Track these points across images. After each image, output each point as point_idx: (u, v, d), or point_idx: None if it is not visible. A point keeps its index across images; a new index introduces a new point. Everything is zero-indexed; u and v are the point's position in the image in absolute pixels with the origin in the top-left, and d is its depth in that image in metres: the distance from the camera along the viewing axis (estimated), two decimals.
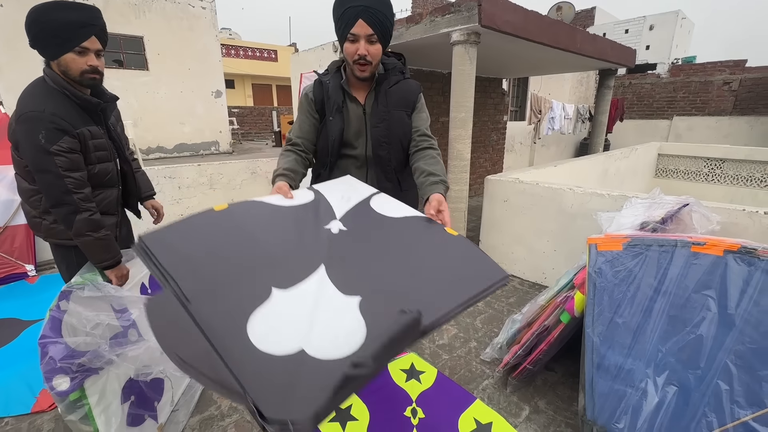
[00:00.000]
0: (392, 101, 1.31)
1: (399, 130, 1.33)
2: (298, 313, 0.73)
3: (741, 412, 1.17)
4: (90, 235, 1.36)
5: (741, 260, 1.22)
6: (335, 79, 1.30)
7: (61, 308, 1.35)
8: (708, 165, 5.91)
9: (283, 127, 9.54)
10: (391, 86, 1.30)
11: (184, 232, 0.87)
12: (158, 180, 3.81)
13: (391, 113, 1.31)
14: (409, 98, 1.34)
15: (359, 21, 1.15)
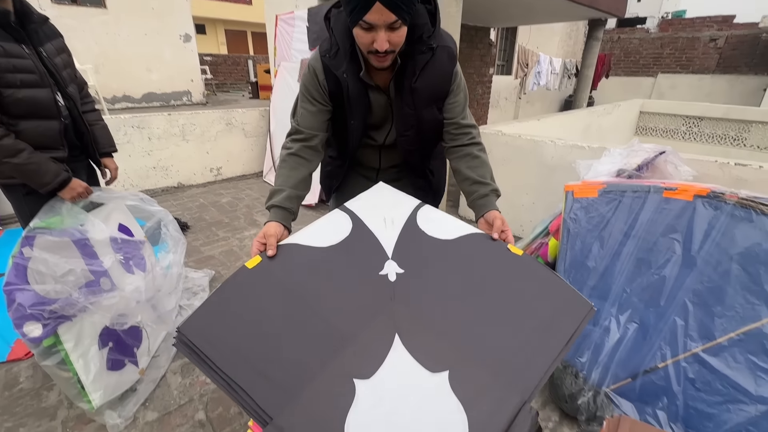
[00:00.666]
0: (420, 100, 1.04)
1: (431, 131, 1.13)
2: (391, 409, 0.66)
3: (692, 344, 1.27)
4: (7, 161, 1.26)
5: (709, 204, 1.26)
6: (351, 68, 1.00)
7: (24, 255, 1.30)
8: (686, 123, 5.99)
9: (260, 76, 9.01)
10: (416, 77, 1.01)
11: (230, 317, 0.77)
12: (126, 130, 3.59)
13: (420, 116, 1.07)
14: (442, 88, 1.06)
15: (376, 5, 0.82)
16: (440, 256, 0.91)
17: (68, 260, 1.36)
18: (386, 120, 1.13)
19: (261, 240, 0.93)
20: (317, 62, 1.03)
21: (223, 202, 3.70)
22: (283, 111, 4.09)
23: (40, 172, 1.32)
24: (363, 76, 1.00)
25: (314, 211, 3.49)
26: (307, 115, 1.07)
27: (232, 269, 2.45)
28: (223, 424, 1.40)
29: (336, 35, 0.99)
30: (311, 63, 1.05)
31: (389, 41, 0.88)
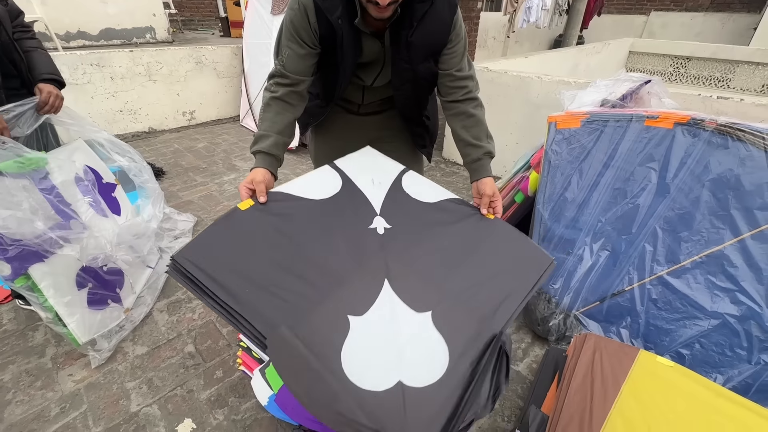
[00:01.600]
0: (416, 54, 0.99)
1: (426, 84, 1.09)
2: (381, 342, 0.74)
3: (658, 268, 1.34)
4: None
5: (688, 132, 1.26)
6: (345, 14, 0.92)
7: None
8: (674, 64, 5.90)
9: (230, 11, 8.25)
10: (413, 30, 0.94)
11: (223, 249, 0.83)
12: (84, 69, 3.30)
13: (416, 70, 1.02)
14: (440, 40, 0.99)
15: None
16: (423, 216, 1.01)
17: (30, 199, 1.29)
18: (377, 63, 1.07)
19: (249, 185, 0.94)
20: (309, 1, 0.93)
21: (199, 147, 3.55)
22: (258, 47, 3.80)
23: None
24: (358, 23, 0.93)
25: (294, 155, 3.39)
26: (294, 58, 0.99)
27: (213, 213, 2.41)
28: (212, 355, 1.46)
29: None
30: (301, 0, 0.94)
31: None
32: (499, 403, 1.31)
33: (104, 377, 1.37)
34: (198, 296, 0.77)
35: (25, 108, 1.37)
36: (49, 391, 1.31)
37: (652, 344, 1.37)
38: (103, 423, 1.22)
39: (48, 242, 1.32)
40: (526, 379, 1.39)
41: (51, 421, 1.22)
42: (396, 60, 1.01)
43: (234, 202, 2.58)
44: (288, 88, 1.01)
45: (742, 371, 1.22)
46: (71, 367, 1.40)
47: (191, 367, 1.41)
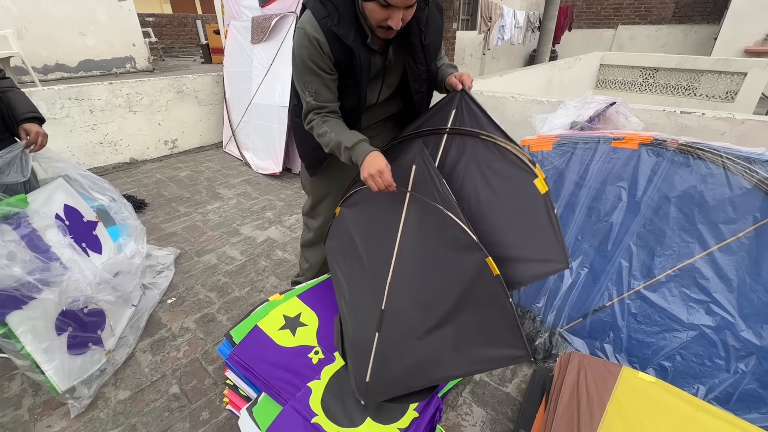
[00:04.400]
0: (430, 54, 1.11)
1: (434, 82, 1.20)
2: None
3: (635, 283, 1.38)
4: None
5: (652, 152, 1.32)
6: (358, 36, 1.00)
7: None
8: (643, 75, 6.15)
9: (210, 38, 8.35)
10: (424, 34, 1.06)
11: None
12: (62, 103, 3.28)
13: (430, 70, 1.14)
14: (439, 39, 1.15)
15: None
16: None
17: (8, 245, 1.27)
18: (377, 79, 1.15)
19: (382, 184, 0.99)
20: (318, 33, 0.98)
21: (182, 176, 3.53)
22: (238, 75, 3.85)
23: None
24: (370, 43, 1.02)
25: (279, 180, 3.40)
26: (322, 89, 1.07)
27: (197, 245, 2.39)
28: (198, 395, 1.42)
29: (333, 1, 0.97)
30: (309, 33, 0.99)
31: (403, 19, 0.92)
32: (490, 428, 1.30)
33: (85, 426, 1.32)
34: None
35: (16, 152, 1.38)
36: None
37: (635, 358, 1.39)
38: None
39: (26, 287, 1.29)
40: (515, 401, 1.40)
41: None
42: (413, 66, 1.10)
43: (218, 231, 2.56)
44: (329, 115, 1.11)
45: (722, 381, 1.25)
46: (50, 417, 1.35)
47: (176, 410, 1.37)
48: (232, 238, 2.49)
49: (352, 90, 1.10)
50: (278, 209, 2.87)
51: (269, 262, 2.22)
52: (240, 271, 2.15)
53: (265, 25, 3.33)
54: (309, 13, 1.00)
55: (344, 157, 1.08)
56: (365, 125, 1.28)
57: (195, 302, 1.91)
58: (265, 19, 3.34)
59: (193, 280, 2.08)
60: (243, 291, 1.99)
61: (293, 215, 2.76)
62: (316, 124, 1.11)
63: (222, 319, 1.80)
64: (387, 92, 1.21)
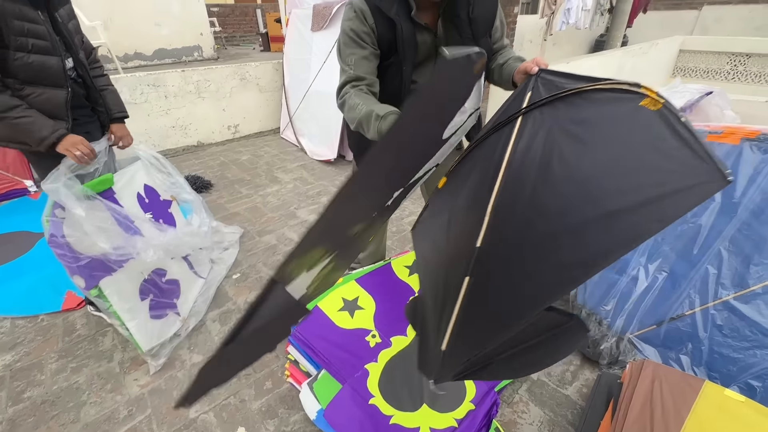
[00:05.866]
0: (478, 30, 1.04)
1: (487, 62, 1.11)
2: None
3: (724, 292, 1.25)
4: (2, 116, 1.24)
5: (757, 148, 1.18)
6: (401, 9, 0.99)
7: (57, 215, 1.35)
8: (731, 62, 5.48)
9: (270, 27, 8.63)
10: (472, 7, 1.01)
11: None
12: (142, 89, 3.57)
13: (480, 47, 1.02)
14: (492, 14, 1.08)
15: None
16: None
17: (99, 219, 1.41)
18: (429, 60, 1.11)
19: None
20: (364, 5, 1.00)
21: (243, 160, 3.73)
22: (297, 63, 3.95)
23: (36, 126, 1.28)
24: (414, 15, 0.99)
25: (333, 166, 3.48)
26: (361, 61, 1.03)
27: (259, 225, 2.52)
28: (262, 366, 1.52)
29: None
30: (356, 6, 1.01)
31: None
32: (548, 429, 1.27)
33: (165, 383, 1.47)
34: None
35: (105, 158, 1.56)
36: (117, 395, 1.42)
37: (716, 373, 1.28)
38: (166, 427, 1.30)
39: (114, 256, 1.44)
40: (576, 404, 1.34)
41: (120, 423, 1.33)
42: (459, 41, 1.04)
43: (278, 213, 2.68)
44: (366, 87, 1.05)
45: None
46: (136, 372, 1.51)
47: (242, 377, 1.48)
48: (290, 220, 2.60)
49: (394, 70, 1.08)
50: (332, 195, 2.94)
51: None
52: None
53: (325, 12, 3.38)
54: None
55: (373, 130, 0.95)
56: None
57: (257, 279, 2.03)
58: (326, 6, 3.38)
59: (255, 259, 2.20)
60: None
61: None
62: (349, 97, 1.02)
63: None
64: None
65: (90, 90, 1.50)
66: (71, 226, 1.35)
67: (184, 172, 3.39)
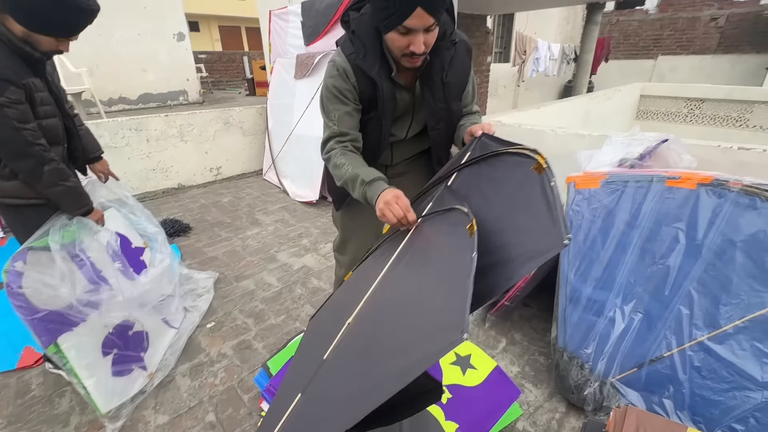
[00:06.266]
0: (451, 93, 1.11)
1: (456, 120, 1.19)
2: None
3: (698, 333, 1.26)
4: (62, 184, 1.34)
5: (712, 192, 1.25)
6: (382, 70, 1.03)
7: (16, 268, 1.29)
8: (688, 105, 5.92)
9: (255, 73, 8.95)
10: (446, 72, 1.06)
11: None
12: (123, 133, 3.58)
13: (450, 108, 1.13)
14: (464, 80, 1.15)
15: (417, 10, 0.85)
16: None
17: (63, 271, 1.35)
18: (407, 114, 1.17)
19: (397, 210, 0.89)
20: (346, 64, 1.05)
21: (224, 202, 3.70)
22: (281, 107, 4.07)
23: (83, 194, 1.42)
24: (394, 76, 1.04)
25: (315, 208, 3.49)
26: (344, 117, 1.08)
27: (237, 270, 2.46)
28: (233, 425, 1.42)
29: (361, 38, 1.02)
30: (339, 65, 1.06)
31: (425, 43, 0.92)
32: None
33: None
34: None
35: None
36: None
37: (700, 417, 1.26)
38: None
39: (77, 310, 1.37)
40: None
41: None
42: (432, 102, 1.11)
43: (257, 257, 2.63)
44: (350, 143, 1.10)
45: None
46: None
47: None
48: (269, 264, 2.55)
49: (374, 125, 1.13)
50: (314, 237, 2.92)
51: (305, 290, 2.25)
52: (276, 298, 2.18)
53: (308, 62, 3.54)
54: (339, 50, 1.08)
55: (359, 193, 1.01)
56: (396, 161, 1.30)
57: (233, 328, 1.95)
58: (308, 56, 3.55)
59: (232, 305, 2.12)
60: (279, 319, 2.01)
61: (328, 243, 2.80)
62: (335, 154, 1.08)
63: (258, 346, 1.81)
64: (416, 128, 1.22)
65: (72, 138, 1.50)
66: (31, 276, 1.29)
67: (162, 215, 3.34)
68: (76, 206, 1.41)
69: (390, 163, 1.31)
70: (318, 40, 3.45)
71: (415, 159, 1.34)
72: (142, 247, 1.89)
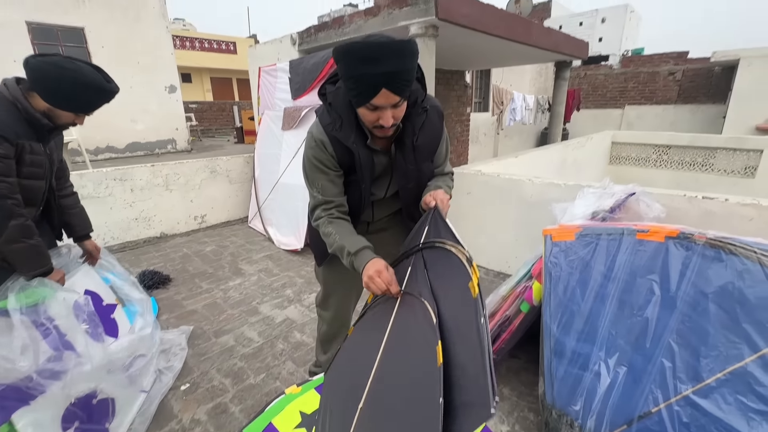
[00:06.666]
0: (421, 155, 1.17)
1: (426, 180, 1.26)
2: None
3: (682, 386, 1.26)
4: (24, 241, 1.32)
5: (680, 245, 1.30)
6: (358, 139, 1.09)
7: None
8: (656, 151, 6.29)
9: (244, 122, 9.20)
10: (417, 136, 1.13)
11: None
12: (107, 183, 3.57)
13: (420, 169, 1.20)
14: (436, 142, 1.21)
15: (382, 91, 0.92)
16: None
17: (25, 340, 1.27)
18: (386, 175, 1.22)
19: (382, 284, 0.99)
20: (323, 135, 1.11)
21: (207, 251, 3.64)
22: (268, 157, 4.15)
23: (43, 254, 1.40)
24: (370, 143, 1.10)
25: (300, 256, 3.46)
26: (327, 185, 1.15)
27: (216, 324, 2.38)
28: None
29: (337, 110, 1.08)
30: (317, 137, 1.12)
31: (393, 117, 0.99)
32: None
33: None
34: None
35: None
36: None
37: None
38: None
39: (38, 383, 1.27)
40: None
41: None
42: (403, 163, 1.17)
43: (238, 310, 2.56)
44: (335, 209, 1.17)
45: None
46: None
47: None
48: (251, 317, 2.47)
49: (355, 187, 1.19)
50: (298, 286, 2.87)
51: (287, 345, 2.17)
52: (257, 354, 2.10)
53: (295, 114, 3.68)
54: (317, 121, 1.15)
55: (346, 262, 1.11)
56: (377, 217, 1.35)
57: (209, 389, 1.84)
58: (296, 109, 3.70)
59: (209, 364, 2.02)
60: (258, 378, 1.91)
61: (312, 293, 2.75)
62: (323, 223, 1.16)
63: (235, 410, 1.71)
64: (395, 188, 1.27)
65: (50, 207, 1.56)
66: None
67: (142, 265, 3.25)
68: (34, 266, 1.37)
69: (371, 220, 1.35)
70: (305, 94, 3.61)
71: (394, 215, 1.38)
72: (113, 304, 1.81)
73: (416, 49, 0.96)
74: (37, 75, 1.24)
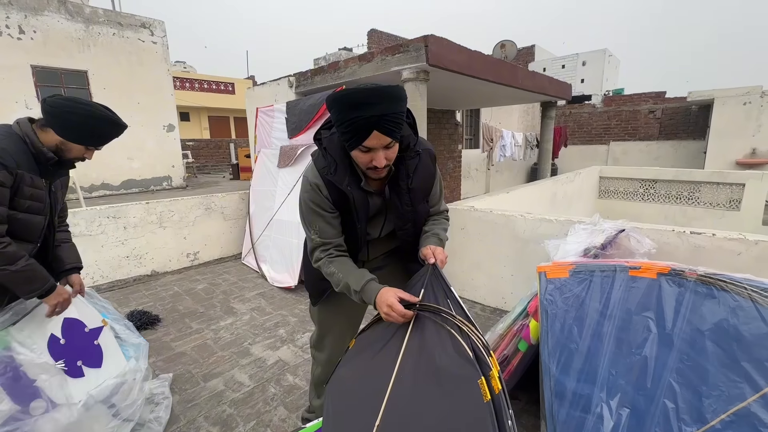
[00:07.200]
0: (416, 197, 1.21)
1: (422, 219, 1.30)
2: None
3: (687, 429, 1.22)
4: (6, 269, 1.30)
5: (672, 282, 1.31)
6: (353, 181, 1.12)
7: None
8: (643, 186, 6.46)
9: (240, 159, 9.34)
10: (411, 179, 1.16)
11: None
12: (100, 221, 3.55)
13: (416, 210, 1.23)
14: (429, 184, 1.25)
15: (374, 133, 0.96)
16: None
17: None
18: (380, 215, 1.25)
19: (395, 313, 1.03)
20: (318, 179, 1.14)
21: (198, 289, 3.57)
22: (263, 193, 4.19)
23: (33, 278, 1.37)
24: (364, 186, 1.13)
25: (294, 293, 3.40)
26: (325, 226, 1.18)
27: (205, 367, 2.29)
28: None
29: (332, 154, 1.12)
30: (312, 180, 1.15)
31: (386, 158, 1.02)
32: None
33: None
34: None
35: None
36: None
37: None
38: None
39: None
40: None
41: None
42: (399, 206, 1.20)
43: (228, 351, 2.47)
44: (334, 249, 1.19)
45: None
46: None
47: None
48: (241, 359, 2.38)
49: (350, 226, 1.21)
50: (291, 326, 2.80)
51: (279, 389, 2.08)
52: (247, 399, 2.01)
53: (291, 153, 3.76)
54: (312, 164, 1.18)
55: (356, 299, 1.14)
56: (372, 256, 1.36)
57: None
58: (292, 148, 3.78)
59: (197, 411, 1.93)
60: (248, 426, 1.82)
61: (306, 333, 2.68)
62: (323, 264, 1.19)
63: None
64: (389, 228, 1.29)
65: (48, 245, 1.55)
66: None
67: (131, 305, 3.17)
68: (25, 290, 1.37)
69: (367, 259, 1.35)
70: (301, 134, 3.72)
71: (390, 254, 1.39)
72: (98, 327, 1.68)
73: (404, 94, 1.01)
74: (55, 111, 1.31)
